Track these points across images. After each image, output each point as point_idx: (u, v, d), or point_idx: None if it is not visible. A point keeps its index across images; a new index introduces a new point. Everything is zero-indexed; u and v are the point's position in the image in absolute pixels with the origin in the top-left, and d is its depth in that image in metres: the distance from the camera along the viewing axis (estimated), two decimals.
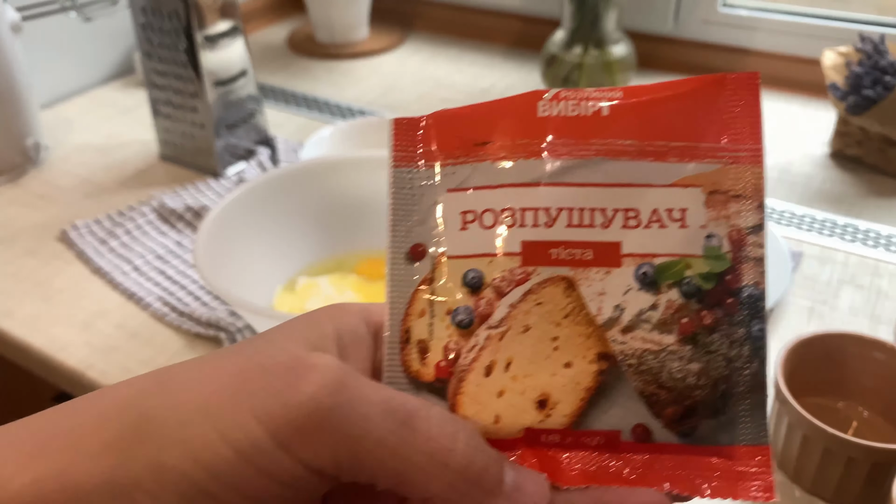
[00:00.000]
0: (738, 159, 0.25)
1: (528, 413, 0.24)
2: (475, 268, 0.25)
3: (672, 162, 0.25)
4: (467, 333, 0.25)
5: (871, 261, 0.74)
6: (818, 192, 0.86)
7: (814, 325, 0.66)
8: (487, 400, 0.24)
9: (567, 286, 0.24)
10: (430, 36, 1.34)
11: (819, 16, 1.08)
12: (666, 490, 0.23)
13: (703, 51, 1.16)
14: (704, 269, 0.24)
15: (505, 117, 0.26)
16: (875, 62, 0.85)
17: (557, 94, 0.25)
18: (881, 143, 0.88)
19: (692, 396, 0.24)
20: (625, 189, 0.25)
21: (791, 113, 1.05)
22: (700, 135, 0.25)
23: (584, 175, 0.25)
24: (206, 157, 0.89)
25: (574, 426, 0.24)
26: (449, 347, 0.25)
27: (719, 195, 0.24)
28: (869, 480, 0.48)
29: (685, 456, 0.24)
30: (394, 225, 0.26)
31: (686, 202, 0.24)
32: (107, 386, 0.24)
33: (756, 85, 0.25)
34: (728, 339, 0.24)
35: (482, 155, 0.26)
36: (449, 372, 0.25)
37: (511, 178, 0.25)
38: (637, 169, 0.25)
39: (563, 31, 1.03)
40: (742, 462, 0.23)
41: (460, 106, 0.27)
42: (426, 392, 0.25)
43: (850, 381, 0.56)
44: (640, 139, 0.25)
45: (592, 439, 0.24)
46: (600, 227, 0.25)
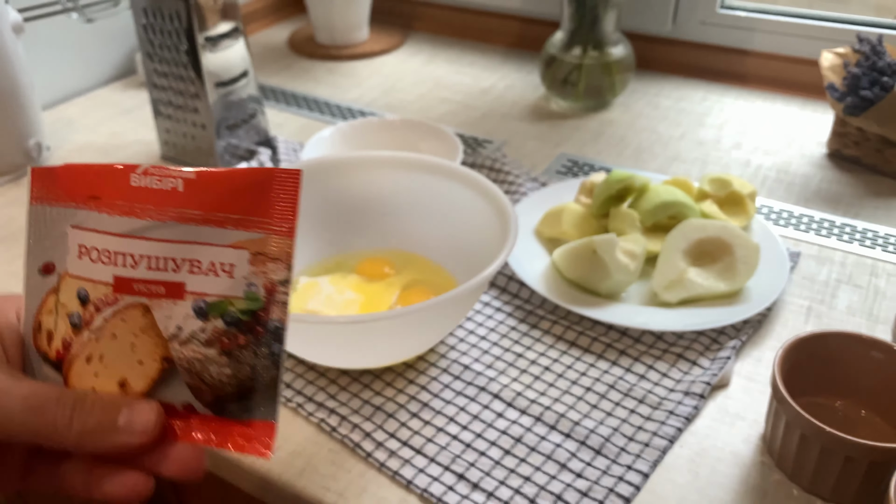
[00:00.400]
0: (277, 232, 0.35)
1: (113, 389, 0.35)
2: (84, 287, 0.36)
3: (229, 229, 0.35)
4: (77, 332, 0.36)
5: (868, 260, 0.75)
6: (816, 193, 0.87)
7: (812, 325, 0.67)
8: (88, 379, 0.36)
9: (144, 310, 0.35)
10: (430, 37, 1.35)
11: (817, 17, 1.08)
12: (199, 440, 0.35)
13: (702, 52, 1.16)
14: (243, 306, 0.34)
15: (110, 181, 0.35)
16: (873, 63, 0.85)
17: (147, 169, 0.35)
18: (879, 144, 0.88)
19: (224, 389, 0.35)
20: (191, 245, 0.35)
21: (789, 113, 1.05)
22: (251, 211, 0.35)
23: (162, 233, 0.35)
24: (207, 157, 0.89)
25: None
26: (66, 339, 0.36)
27: (261, 256, 0.35)
28: (867, 479, 0.49)
29: (218, 424, 0.35)
30: (31, 246, 0.37)
31: (235, 259, 0.34)
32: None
33: (297, 180, 0.34)
34: (254, 354, 0.34)
35: (94, 206, 0.36)
36: (64, 356, 0.36)
37: (111, 227, 0.35)
38: (202, 232, 0.35)
39: (563, 33, 1.04)
40: (255, 430, 0.35)
41: (85, 163, 0.36)
42: (50, 366, 0.36)
43: (848, 381, 0.56)
44: (205, 211, 0.35)
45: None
46: (171, 271, 0.35)
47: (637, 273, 0.68)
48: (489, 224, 0.63)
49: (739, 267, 0.67)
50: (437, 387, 0.60)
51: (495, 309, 0.69)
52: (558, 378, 0.61)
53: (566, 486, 0.52)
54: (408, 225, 0.71)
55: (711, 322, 0.63)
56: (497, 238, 0.60)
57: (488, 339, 0.65)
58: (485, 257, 0.58)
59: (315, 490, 0.53)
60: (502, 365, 0.62)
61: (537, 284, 0.68)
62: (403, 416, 0.58)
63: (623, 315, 0.65)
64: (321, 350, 0.58)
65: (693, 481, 0.53)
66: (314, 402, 0.59)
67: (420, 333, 0.58)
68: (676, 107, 1.08)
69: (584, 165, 0.93)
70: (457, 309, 0.58)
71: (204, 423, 0.35)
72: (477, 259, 0.61)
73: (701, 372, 0.61)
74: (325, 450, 0.56)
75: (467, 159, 0.90)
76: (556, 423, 0.57)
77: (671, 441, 0.55)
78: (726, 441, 0.56)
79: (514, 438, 0.56)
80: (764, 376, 0.61)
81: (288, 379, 0.61)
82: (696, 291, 0.66)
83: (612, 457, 0.54)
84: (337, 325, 0.53)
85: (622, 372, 0.62)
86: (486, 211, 0.64)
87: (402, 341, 0.58)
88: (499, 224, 0.61)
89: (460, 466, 0.54)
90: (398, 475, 0.53)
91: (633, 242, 0.68)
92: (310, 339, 0.56)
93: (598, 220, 0.76)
